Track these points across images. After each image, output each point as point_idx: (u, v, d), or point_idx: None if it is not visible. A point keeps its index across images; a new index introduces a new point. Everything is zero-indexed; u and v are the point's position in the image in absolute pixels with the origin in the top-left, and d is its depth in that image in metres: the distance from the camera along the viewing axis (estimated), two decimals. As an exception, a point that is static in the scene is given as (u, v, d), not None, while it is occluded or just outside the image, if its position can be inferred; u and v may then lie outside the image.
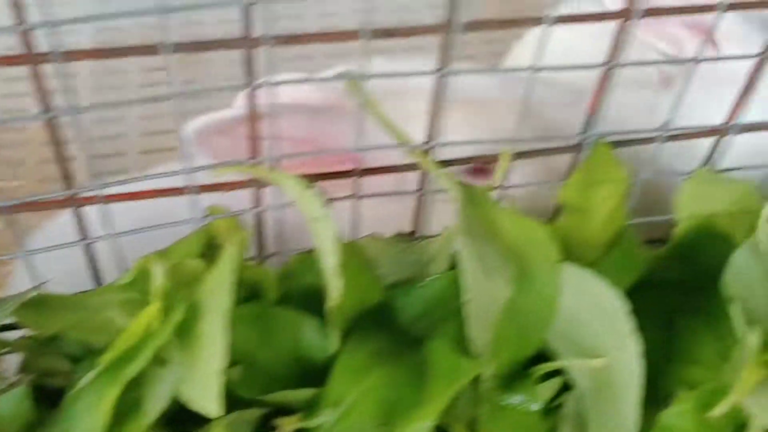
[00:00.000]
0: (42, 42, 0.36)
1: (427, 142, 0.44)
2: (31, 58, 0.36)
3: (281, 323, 0.44)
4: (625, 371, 0.45)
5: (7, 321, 0.47)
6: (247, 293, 0.45)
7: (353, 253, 0.47)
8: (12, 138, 0.98)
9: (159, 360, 0.39)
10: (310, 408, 0.43)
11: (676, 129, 0.46)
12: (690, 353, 0.50)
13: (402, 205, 0.51)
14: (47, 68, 0.37)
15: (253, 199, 0.45)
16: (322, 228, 0.40)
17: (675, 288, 0.53)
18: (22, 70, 0.37)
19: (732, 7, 0.40)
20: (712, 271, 0.49)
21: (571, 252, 0.49)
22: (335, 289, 0.40)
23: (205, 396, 0.37)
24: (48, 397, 0.45)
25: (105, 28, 1.07)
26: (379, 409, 0.43)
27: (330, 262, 0.40)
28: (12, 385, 0.45)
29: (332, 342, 0.45)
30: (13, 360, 0.48)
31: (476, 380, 0.46)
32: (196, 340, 0.39)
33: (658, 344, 0.51)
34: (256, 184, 0.44)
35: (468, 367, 0.43)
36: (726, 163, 0.51)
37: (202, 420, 0.41)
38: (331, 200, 0.42)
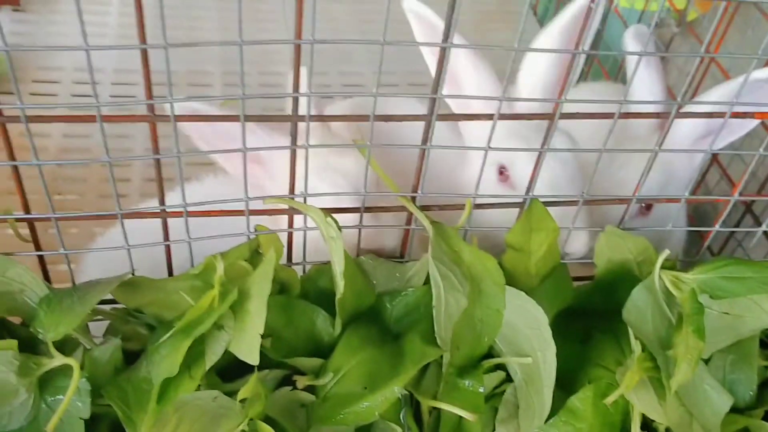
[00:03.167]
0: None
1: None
2: (151, 118, 0.55)
3: (301, 311, 0.62)
4: (545, 365, 0.62)
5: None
6: (278, 288, 0.63)
7: (356, 267, 0.65)
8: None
9: (217, 326, 0.57)
10: (317, 373, 0.61)
11: (593, 196, 0.64)
12: (598, 360, 0.66)
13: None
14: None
15: (288, 222, 0.63)
16: (335, 244, 0.58)
17: (593, 313, 0.70)
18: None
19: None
20: (621, 302, 0.67)
21: (515, 281, 0.66)
22: (341, 287, 0.58)
23: (249, 350, 0.55)
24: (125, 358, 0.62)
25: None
26: (366, 377, 0.60)
27: (338, 267, 0.58)
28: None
29: (337, 328, 0.62)
30: (94, 327, 0.65)
31: (439, 367, 0.63)
32: (244, 314, 0.56)
33: (577, 353, 0.68)
34: (290, 211, 0.62)
35: (431, 352, 0.60)
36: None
37: (243, 375, 0.58)
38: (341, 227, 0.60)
